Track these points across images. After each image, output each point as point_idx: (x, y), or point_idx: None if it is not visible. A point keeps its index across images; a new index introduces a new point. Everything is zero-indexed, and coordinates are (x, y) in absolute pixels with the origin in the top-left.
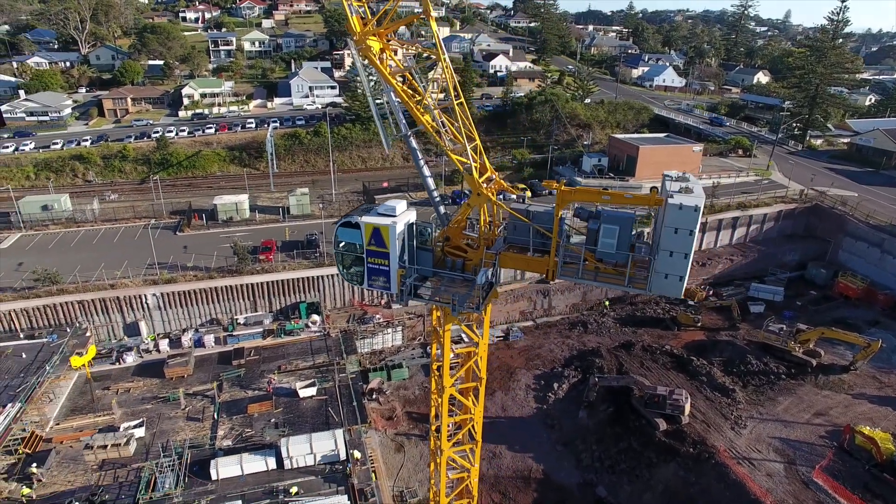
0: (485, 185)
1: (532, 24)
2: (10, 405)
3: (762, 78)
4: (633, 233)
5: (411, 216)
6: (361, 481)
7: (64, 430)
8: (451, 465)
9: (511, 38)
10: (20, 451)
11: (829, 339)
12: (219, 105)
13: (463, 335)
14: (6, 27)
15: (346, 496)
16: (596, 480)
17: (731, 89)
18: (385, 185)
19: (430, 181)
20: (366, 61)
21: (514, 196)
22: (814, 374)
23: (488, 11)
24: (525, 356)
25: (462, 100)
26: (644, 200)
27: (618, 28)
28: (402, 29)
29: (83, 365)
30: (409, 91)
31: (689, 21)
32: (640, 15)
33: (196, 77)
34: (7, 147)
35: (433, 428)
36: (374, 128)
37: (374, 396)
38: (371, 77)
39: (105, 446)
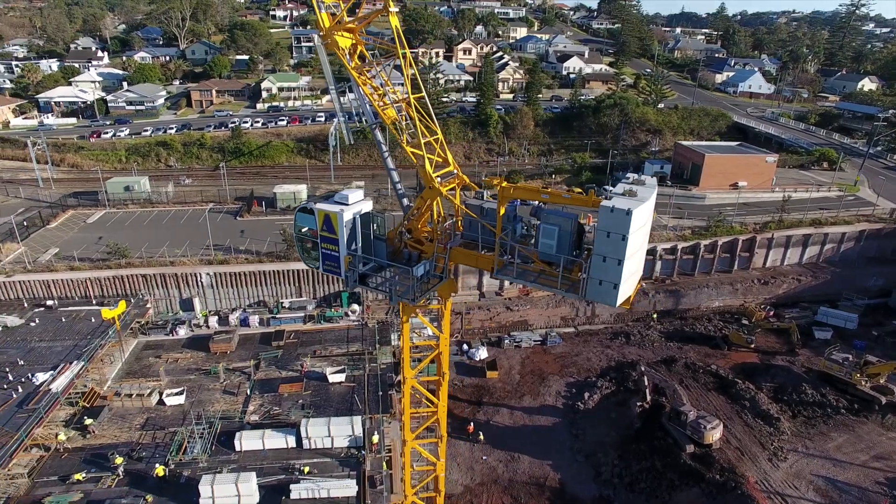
0: (439, 180)
1: (614, 26)
2: (75, 362)
3: (868, 84)
4: (572, 235)
5: (365, 206)
6: (373, 468)
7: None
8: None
9: (591, 40)
10: (80, 404)
11: None
12: (294, 99)
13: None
14: (123, 26)
15: (354, 481)
16: (612, 496)
17: (828, 97)
18: None
19: (395, 174)
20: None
21: (478, 193)
22: (881, 413)
23: (571, 12)
24: (560, 363)
25: (423, 94)
26: (582, 201)
27: (707, 31)
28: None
29: (114, 317)
30: (375, 86)
31: (794, 23)
32: (738, 17)
33: (277, 72)
34: (107, 133)
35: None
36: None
37: (401, 388)
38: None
39: (131, 395)
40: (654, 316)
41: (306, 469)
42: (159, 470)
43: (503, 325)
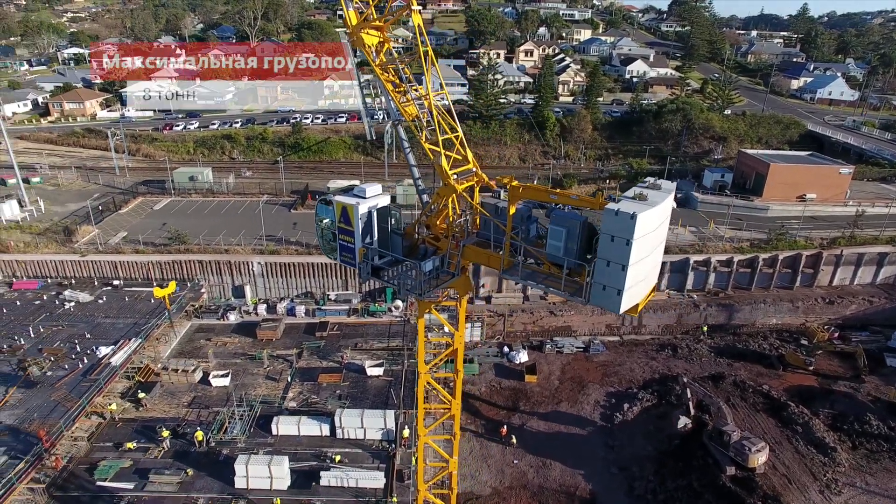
0: (455, 177)
1: (683, 28)
2: (133, 339)
3: None
4: (580, 237)
5: (382, 200)
6: (403, 463)
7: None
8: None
9: (658, 43)
10: (135, 379)
11: None
12: (354, 97)
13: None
14: (201, 25)
15: (383, 474)
16: None
17: None
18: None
19: (416, 170)
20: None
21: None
22: None
23: (640, 14)
24: (602, 371)
25: (444, 93)
26: (589, 203)
27: (786, 34)
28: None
29: (164, 296)
30: (397, 82)
31: (892, 24)
32: (825, 18)
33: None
34: (178, 125)
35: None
36: (493, 126)
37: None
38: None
39: (177, 370)
40: (705, 330)
41: (337, 458)
42: (199, 434)
43: (546, 329)
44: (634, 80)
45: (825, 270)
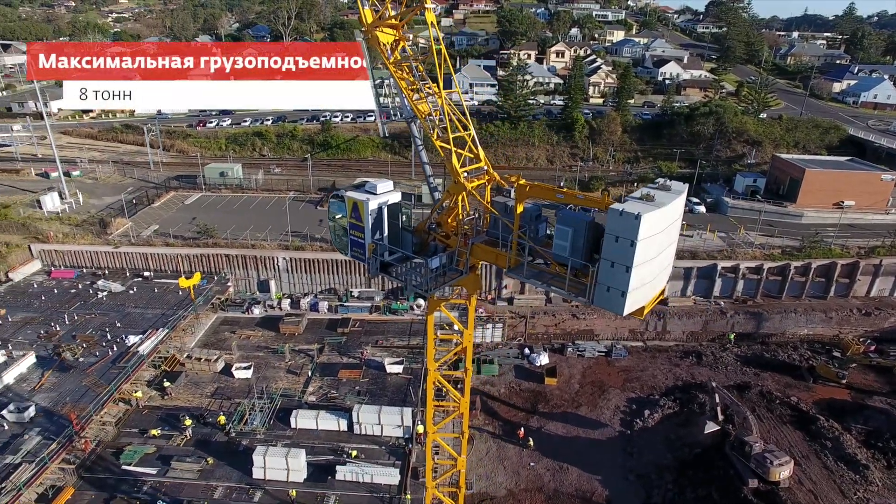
0: (465, 175)
1: (720, 30)
2: (161, 329)
3: None
4: (586, 237)
5: (393, 197)
6: (418, 460)
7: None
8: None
9: (692, 45)
10: (161, 368)
11: None
12: (384, 96)
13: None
14: (237, 24)
15: (398, 470)
16: None
17: None
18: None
19: (428, 167)
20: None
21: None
22: None
23: (675, 16)
24: (623, 376)
25: (456, 90)
26: (594, 202)
27: (830, 35)
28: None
29: (189, 287)
30: (410, 80)
31: None
32: (874, 18)
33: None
34: (212, 122)
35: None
36: (521, 127)
37: (458, 386)
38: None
39: (200, 359)
40: (731, 338)
41: (354, 453)
42: (221, 418)
43: (568, 332)
44: (667, 82)
45: (862, 280)
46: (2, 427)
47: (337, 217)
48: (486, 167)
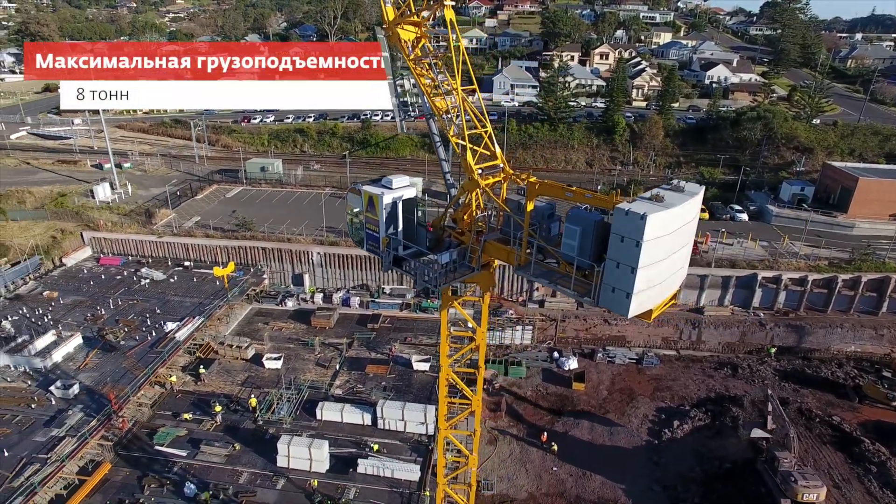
0: (480, 172)
1: (775, 32)
2: (197, 317)
3: None
4: (594, 236)
5: (409, 192)
6: None
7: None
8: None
9: (744, 48)
10: (196, 355)
11: None
12: (403, 94)
13: None
14: (284, 24)
15: (419, 467)
16: None
17: None
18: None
19: (446, 164)
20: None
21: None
22: None
23: (727, 17)
24: (653, 385)
25: (474, 87)
26: (603, 201)
27: None
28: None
29: (223, 276)
30: (432, 76)
31: None
32: None
33: None
34: (256, 119)
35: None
36: (561, 129)
37: (484, 387)
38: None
39: (231, 345)
40: (771, 351)
41: (376, 447)
42: (252, 401)
43: (599, 337)
44: (714, 85)
45: None
46: (49, 402)
47: (354, 210)
48: (501, 164)
